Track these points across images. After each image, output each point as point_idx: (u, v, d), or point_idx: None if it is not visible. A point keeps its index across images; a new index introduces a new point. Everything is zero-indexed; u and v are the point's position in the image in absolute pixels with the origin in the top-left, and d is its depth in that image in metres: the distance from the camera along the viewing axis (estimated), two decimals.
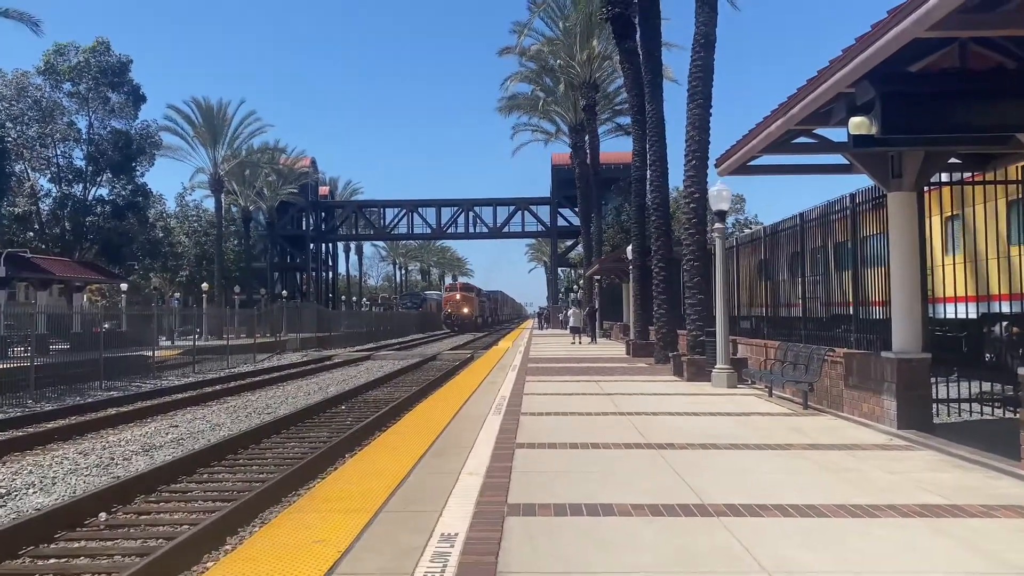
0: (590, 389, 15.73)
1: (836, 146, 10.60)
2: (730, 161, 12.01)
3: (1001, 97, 7.55)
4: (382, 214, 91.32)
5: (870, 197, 11.54)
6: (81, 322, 32.71)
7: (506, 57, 50.98)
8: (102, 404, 20.02)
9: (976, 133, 8.21)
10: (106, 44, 45.88)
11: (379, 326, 69.09)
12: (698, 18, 19.39)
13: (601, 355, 27.48)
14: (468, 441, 9.44)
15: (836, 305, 13.35)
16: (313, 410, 18.02)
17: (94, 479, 11.24)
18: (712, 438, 9.58)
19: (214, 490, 10.45)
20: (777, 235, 16.45)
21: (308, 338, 50.50)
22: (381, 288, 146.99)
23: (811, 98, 8.43)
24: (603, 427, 10.69)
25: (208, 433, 15.48)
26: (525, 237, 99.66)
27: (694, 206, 19.69)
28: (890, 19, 6.52)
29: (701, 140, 19.32)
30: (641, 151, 26.54)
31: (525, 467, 7.94)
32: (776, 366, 14.02)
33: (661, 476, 7.51)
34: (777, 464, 8.14)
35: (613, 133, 56.22)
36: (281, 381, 26.85)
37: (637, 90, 26.26)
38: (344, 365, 34.76)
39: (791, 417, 11.58)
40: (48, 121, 44.42)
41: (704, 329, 18.19)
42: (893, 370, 10.10)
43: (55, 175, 46.24)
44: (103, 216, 46.94)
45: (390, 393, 22.20)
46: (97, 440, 14.70)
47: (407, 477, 7.56)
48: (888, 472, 7.61)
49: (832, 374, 12.19)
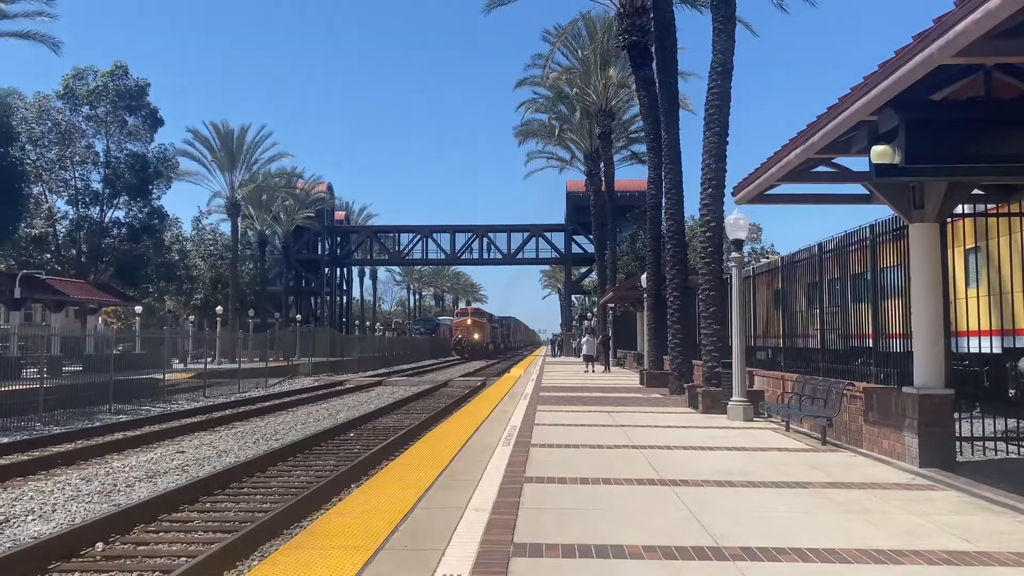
0: (602, 420, 15.43)
1: (857, 175, 10.39)
2: (747, 190, 11.81)
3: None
4: (397, 239, 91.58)
5: (890, 228, 11.29)
6: (94, 344, 32.77)
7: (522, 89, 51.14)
8: (110, 428, 19.86)
9: (1004, 163, 7.95)
10: (124, 68, 46.35)
11: (392, 351, 68.93)
12: (715, 46, 19.28)
13: (614, 384, 27.15)
14: (476, 474, 9.19)
15: (855, 337, 13.06)
16: (321, 437, 17.79)
17: (95, 506, 11.03)
18: (727, 474, 9.29)
19: (216, 520, 10.22)
20: (795, 265, 16.19)
21: (320, 363, 50.37)
22: (395, 313, 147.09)
23: (832, 126, 8.22)
24: (615, 461, 10.42)
25: (214, 460, 15.27)
26: (539, 264, 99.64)
27: (710, 235, 19.45)
28: (915, 45, 6.32)
29: (717, 168, 19.12)
30: (656, 179, 26.38)
31: (533, 503, 7.68)
32: (793, 399, 13.70)
33: (674, 515, 7.24)
34: (795, 503, 7.84)
35: (628, 161, 56.22)
36: (291, 406, 26.65)
37: (653, 118, 26.15)
38: (356, 391, 34.55)
39: (809, 453, 11.26)
40: (67, 144, 44.81)
41: (720, 360, 17.88)
42: (915, 406, 9.78)
43: (72, 197, 46.57)
44: (119, 238, 47.17)
45: (400, 420, 21.95)
46: (101, 465, 14.51)
47: (411, 511, 7.32)
48: (911, 514, 7.30)
49: (851, 409, 11.87)
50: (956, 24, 5.68)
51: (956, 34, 5.70)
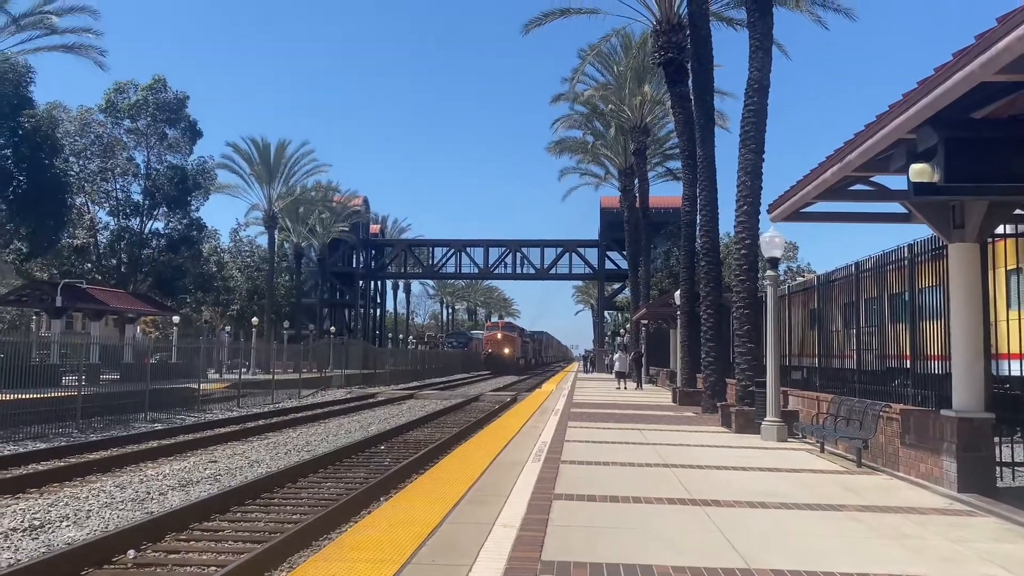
0: (634, 438, 15.32)
1: (894, 194, 10.23)
2: (783, 207, 11.69)
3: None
4: (431, 253, 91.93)
5: (929, 248, 11.11)
6: (132, 353, 33.19)
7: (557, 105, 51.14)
8: (145, 436, 20.09)
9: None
10: (163, 81, 47.12)
11: (424, 364, 69.09)
12: (752, 63, 19.17)
13: (646, 402, 26.96)
14: (505, 489, 9.15)
15: (891, 358, 12.84)
16: (352, 449, 17.85)
17: (128, 513, 11.15)
18: (760, 495, 9.16)
19: (246, 530, 10.28)
20: (831, 284, 15.99)
21: (353, 374, 50.63)
22: (428, 326, 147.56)
23: (869, 144, 8.12)
24: (646, 479, 10.33)
25: (246, 469, 15.38)
26: (572, 279, 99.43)
27: (745, 252, 19.28)
28: (955, 62, 6.23)
29: (753, 186, 18.98)
30: (691, 196, 26.25)
31: (562, 520, 7.62)
32: (828, 420, 13.48)
33: (705, 536, 7.14)
34: (829, 526, 7.70)
35: (663, 177, 56.05)
36: (324, 418, 26.79)
37: (688, 135, 26.05)
38: (387, 403, 34.66)
39: (844, 475, 11.08)
40: (108, 156, 45.59)
41: (753, 379, 17.67)
42: (953, 429, 9.58)
43: (113, 208, 47.32)
44: (158, 249, 47.82)
45: (430, 434, 21.97)
46: (135, 473, 14.68)
47: (439, 526, 7.30)
48: (949, 540, 7.14)
49: (887, 431, 11.66)
50: (998, 41, 5.59)
51: (998, 51, 5.61)
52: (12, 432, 19.64)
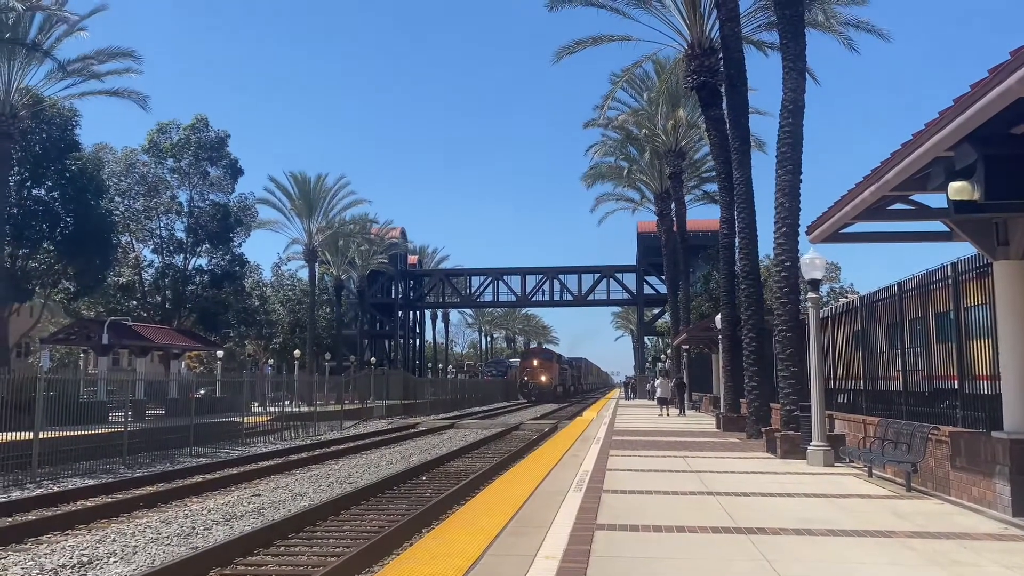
0: (677, 465, 15.14)
1: (935, 213, 10.07)
2: (821, 228, 11.56)
3: None
4: (468, 282, 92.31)
5: (973, 266, 10.89)
6: (177, 388, 33.69)
7: (591, 130, 51.22)
8: (189, 471, 20.30)
9: None
10: (204, 121, 48.18)
11: (464, 394, 69.07)
12: (786, 84, 19.08)
13: (689, 428, 26.66)
14: (547, 520, 9.09)
15: (939, 379, 12.57)
16: (394, 480, 17.87)
17: (174, 548, 11.25)
18: (807, 523, 8.98)
19: (289, 563, 10.32)
20: (874, 305, 15.74)
21: (394, 405, 50.78)
22: (467, 355, 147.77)
23: (906, 163, 8.02)
24: (689, 508, 10.19)
25: (289, 503, 15.45)
26: (610, 305, 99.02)
27: (785, 275, 19.08)
28: (991, 79, 6.14)
29: (791, 207, 18.81)
30: (729, 218, 26.10)
31: (605, 551, 7.55)
32: (875, 444, 13.21)
33: (749, 565, 7.02)
34: (879, 554, 7.52)
35: (701, 200, 55.65)
36: (365, 449, 26.87)
37: (724, 157, 25.95)
38: (428, 433, 34.68)
39: (893, 500, 10.83)
40: (152, 195, 46.67)
41: (798, 403, 17.40)
42: (1005, 451, 9.33)
43: (157, 246, 48.31)
44: (201, 285, 48.65)
45: (471, 464, 21.92)
46: (181, 508, 14.82)
47: (480, 558, 7.27)
48: (1005, 567, 6.94)
49: (937, 454, 11.40)
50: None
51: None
52: (61, 469, 19.97)
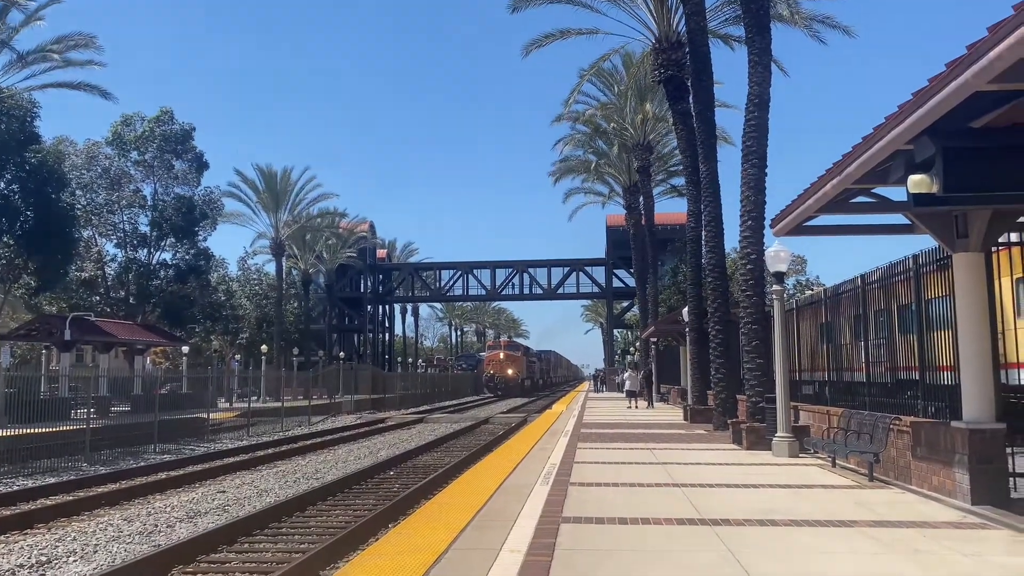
0: (644, 457, 15.21)
1: (897, 205, 10.18)
2: (785, 222, 11.65)
3: None
4: (438, 276, 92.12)
5: (934, 258, 11.02)
6: (142, 384, 33.27)
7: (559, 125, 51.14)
8: (154, 468, 20.05)
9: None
10: (169, 113, 47.52)
11: (434, 388, 68.90)
12: (752, 78, 19.19)
13: (657, 420, 26.80)
14: (513, 513, 9.07)
15: (901, 370, 12.73)
16: (361, 476, 17.78)
17: (136, 547, 11.09)
18: (771, 513, 9.05)
19: (253, 561, 10.22)
20: (838, 297, 15.89)
21: (363, 400, 50.53)
22: (437, 349, 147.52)
23: (867, 156, 8.08)
24: (655, 500, 10.23)
25: (255, 499, 15.32)
26: (580, 298, 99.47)
27: (751, 267, 19.22)
28: (949, 72, 6.20)
29: (756, 200, 18.95)
30: (696, 212, 26.23)
31: (570, 544, 7.54)
32: (839, 435, 13.36)
33: (715, 557, 7.05)
34: (841, 544, 7.59)
35: (668, 194, 55.99)
36: (333, 445, 26.72)
37: (691, 151, 26.07)
38: (397, 428, 34.56)
39: (856, 490, 10.95)
40: (115, 189, 45.94)
41: (764, 395, 17.56)
42: (964, 441, 9.47)
43: (121, 240, 47.59)
44: (166, 280, 48.01)
45: (439, 458, 21.88)
46: (144, 506, 14.63)
47: (446, 552, 7.23)
48: (963, 554, 7.03)
49: (899, 444, 11.54)
50: (990, 51, 5.56)
51: (990, 60, 5.58)
52: (22, 467, 19.65)
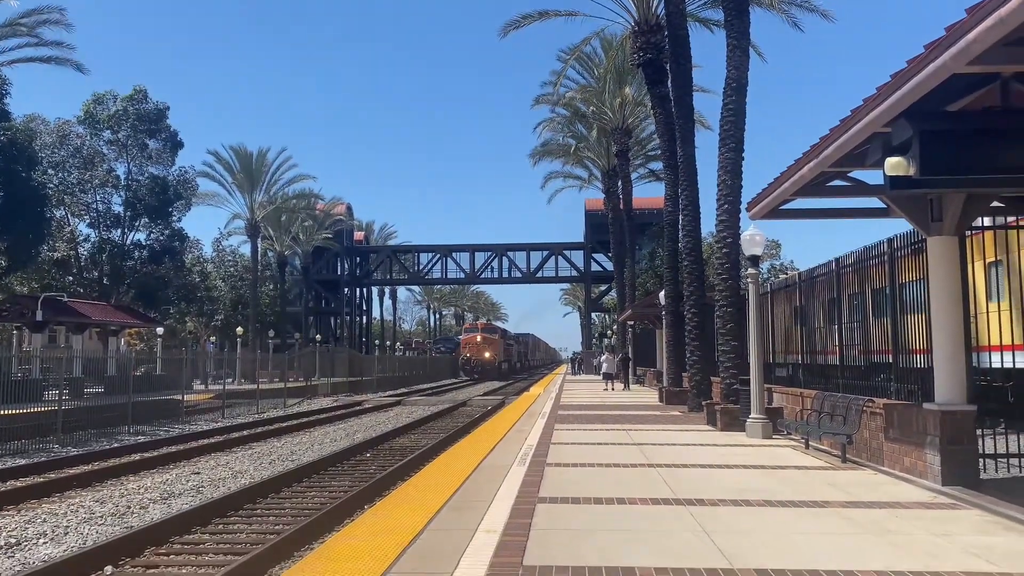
0: (620, 439, 15.27)
1: (872, 189, 10.24)
2: (762, 205, 11.68)
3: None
4: (416, 259, 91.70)
5: (909, 242, 11.10)
6: (116, 366, 32.92)
7: (539, 108, 51.00)
8: (127, 449, 19.89)
9: (1022, 174, 7.79)
10: (143, 92, 46.84)
11: (411, 371, 68.84)
12: (729, 62, 19.20)
13: (633, 402, 26.93)
14: (489, 494, 9.07)
15: (875, 353, 12.84)
16: (337, 457, 17.73)
17: (108, 528, 11.00)
18: (745, 493, 9.12)
19: (227, 542, 10.16)
20: (813, 281, 15.99)
21: (340, 383, 50.39)
22: (415, 333, 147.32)
23: (845, 138, 8.10)
24: (631, 480, 10.27)
25: (229, 481, 15.23)
26: (559, 282, 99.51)
27: (727, 251, 19.29)
28: (927, 55, 6.20)
29: (733, 184, 18.99)
30: (673, 196, 26.25)
31: (546, 524, 7.56)
32: (813, 416, 13.47)
33: (690, 536, 7.09)
34: (814, 523, 7.66)
35: (646, 178, 56.03)
36: (309, 427, 26.62)
37: (669, 135, 26.08)
38: (374, 411, 34.50)
39: (829, 471, 11.06)
40: (88, 168, 45.29)
41: (738, 377, 17.67)
42: (936, 422, 9.58)
43: (94, 220, 47.01)
44: (140, 261, 47.52)
45: (416, 440, 21.86)
46: (116, 487, 14.50)
47: (421, 533, 7.22)
48: (933, 534, 7.11)
49: (871, 425, 11.66)
50: (968, 32, 5.57)
51: (968, 43, 5.58)
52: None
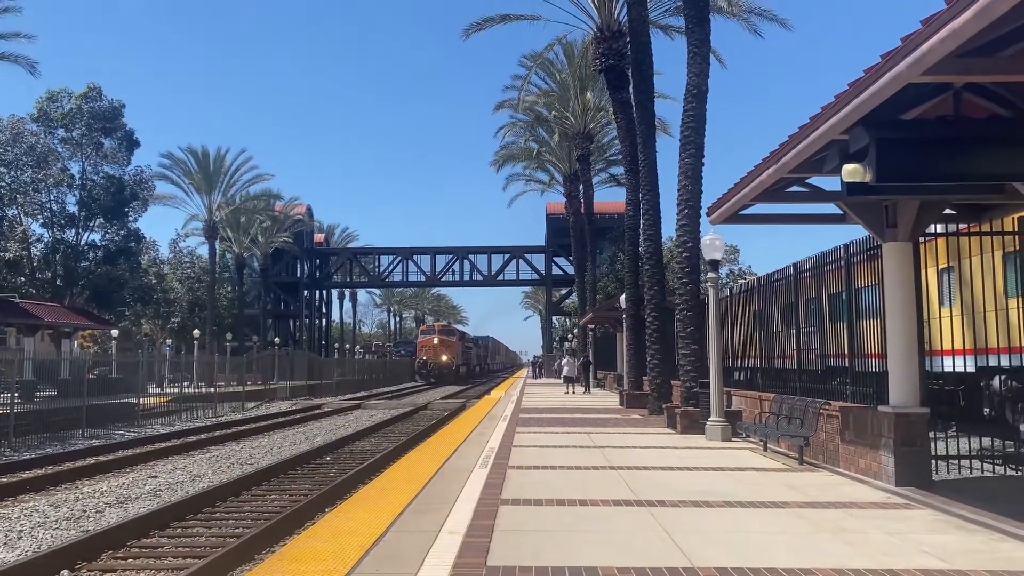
0: (581, 441, 15.36)
1: (830, 195, 10.43)
2: (722, 210, 11.84)
3: (996, 146, 7.38)
4: (377, 261, 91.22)
5: (864, 248, 11.34)
6: (70, 368, 32.30)
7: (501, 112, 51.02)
8: (81, 453, 19.53)
9: (973, 182, 8.02)
10: (98, 90, 46.03)
11: (371, 374, 68.38)
12: (690, 69, 19.42)
13: (594, 406, 27.07)
14: (452, 496, 9.08)
15: (831, 357, 13.08)
16: (297, 461, 17.58)
17: (63, 532, 10.80)
18: (704, 495, 9.24)
19: (186, 546, 10.03)
20: (771, 285, 16.24)
21: (299, 386, 49.91)
22: (375, 335, 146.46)
23: (803, 145, 8.26)
24: (592, 482, 10.34)
25: (187, 484, 15.04)
26: (520, 285, 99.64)
27: (687, 255, 19.51)
28: (884, 63, 6.36)
29: (693, 189, 19.21)
30: (635, 200, 26.46)
31: (508, 526, 7.59)
32: (771, 419, 13.69)
33: (650, 536, 7.17)
34: (772, 523, 7.80)
35: (607, 183, 56.41)
36: (268, 430, 26.35)
37: (630, 140, 26.30)
38: (334, 414, 34.24)
39: (786, 473, 11.24)
40: (42, 166, 44.35)
41: (698, 380, 17.87)
42: (890, 425, 9.79)
43: (48, 220, 46.06)
44: (94, 261, 46.65)
45: (377, 444, 21.76)
46: (71, 491, 14.24)
47: (384, 535, 7.20)
48: (887, 533, 7.28)
49: (828, 428, 11.87)
50: (923, 43, 5.72)
51: (923, 53, 5.74)
52: None
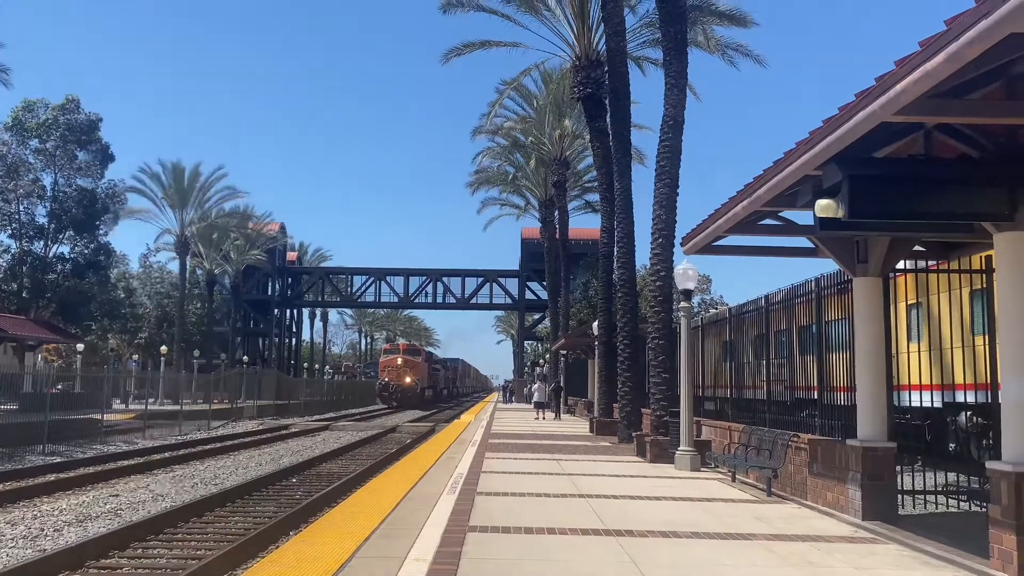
0: (550, 468, 15.29)
1: (802, 229, 10.55)
2: (695, 240, 11.92)
3: (965, 185, 7.50)
4: (350, 281, 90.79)
5: (835, 282, 11.47)
6: (32, 382, 31.69)
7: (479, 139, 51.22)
8: (41, 470, 19.13)
9: (942, 220, 8.14)
10: (76, 102, 45.59)
11: (341, 395, 67.76)
12: (667, 100, 19.62)
13: (564, 432, 27.01)
14: (419, 522, 8.98)
15: (801, 389, 13.17)
16: (262, 482, 17.33)
17: (18, 552, 10.54)
18: (673, 525, 9.21)
19: (146, 567, 9.83)
20: (742, 317, 16.35)
21: (266, 405, 49.34)
22: (345, 356, 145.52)
23: (777, 180, 8.35)
24: (561, 510, 10.28)
25: (149, 504, 14.76)
26: (493, 309, 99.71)
27: (660, 284, 19.61)
28: (857, 103, 6.46)
29: (668, 219, 19.35)
30: (609, 228, 26.61)
31: (476, 553, 7.51)
32: (740, 450, 13.72)
33: (618, 566, 7.12)
34: (739, 555, 7.78)
35: (582, 210, 56.74)
36: (234, 450, 25.98)
37: (606, 168, 26.48)
38: (301, 435, 33.87)
39: (754, 504, 11.25)
40: (12, 177, 43.76)
41: (668, 409, 17.91)
42: (858, 459, 9.85)
43: (16, 231, 45.34)
44: (62, 274, 45.96)
45: (344, 466, 21.52)
46: (29, 509, 13.91)
47: (349, 561, 7.10)
48: (854, 568, 7.29)
49: (796, 460, 11.92)
50: (897, 83, 5.82)
51: (897, 93, 5.83)
52: None
